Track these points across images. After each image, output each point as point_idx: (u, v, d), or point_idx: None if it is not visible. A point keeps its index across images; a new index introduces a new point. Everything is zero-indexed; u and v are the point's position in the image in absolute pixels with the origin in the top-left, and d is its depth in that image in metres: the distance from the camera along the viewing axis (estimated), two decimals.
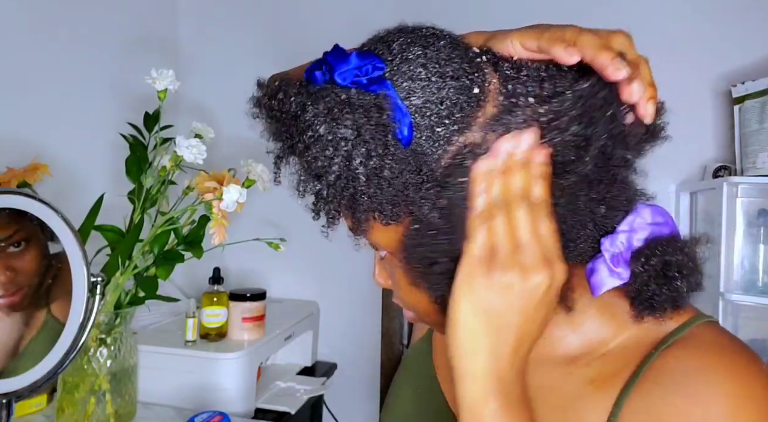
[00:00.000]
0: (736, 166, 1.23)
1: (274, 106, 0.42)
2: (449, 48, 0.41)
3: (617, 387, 0.45)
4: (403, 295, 0.49)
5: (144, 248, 0.90)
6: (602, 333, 0.48)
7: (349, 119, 0.38)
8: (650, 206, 0.44)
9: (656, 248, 0.43)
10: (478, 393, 0.40)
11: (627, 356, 0.46)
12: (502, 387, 0.40)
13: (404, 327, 0.89)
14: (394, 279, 0.49)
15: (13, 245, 0.73)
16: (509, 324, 0.40)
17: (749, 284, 1.12)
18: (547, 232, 0.40)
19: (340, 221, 0.46)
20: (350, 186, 0.40)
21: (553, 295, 0.41)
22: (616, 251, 0.43)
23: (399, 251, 0.44)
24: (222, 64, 1.66)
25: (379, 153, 0.39)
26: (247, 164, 0.94)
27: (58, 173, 1.00)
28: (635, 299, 0.44)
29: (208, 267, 1.21)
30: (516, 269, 0.39)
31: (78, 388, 0.89)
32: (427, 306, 0.47)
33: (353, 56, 0.40)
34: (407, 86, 0.40)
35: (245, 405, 1.15)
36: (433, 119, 0.39)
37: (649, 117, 0.39)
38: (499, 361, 0.40)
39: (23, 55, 1.16)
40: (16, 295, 0.72)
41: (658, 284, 0.43)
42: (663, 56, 1.52)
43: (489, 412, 0.39)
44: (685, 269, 0.43)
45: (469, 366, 0.40)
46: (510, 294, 0.39)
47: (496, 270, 0.39)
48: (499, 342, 0.40)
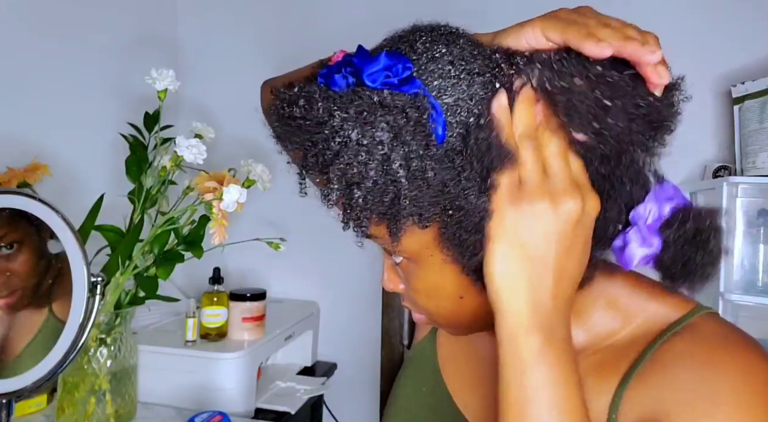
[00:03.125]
0: (736, 166, 1.23)
1: (296, 113, 0.40)
2: (470, 45, 0.41)
3: (621, 371, 0.45)
4: (420, 300, 0.48)
5: (144, 248, 0.90)
6: (609, 326, 0.48)
7: (384, 121, 0.37)
8: (670, 183, 0.45)
9: (687, 214, 0.43)
10: (521, 329, 0.39)
11: (632, 344, 0.46)
12: (545, 322, 0.39)
13: (404, 327, 0.89)
14: (409, 285, 0.48)
15: (5, 246, 0.73)
16: (546, 254, 0.39)
17: (749, 284, 1.12)
18: (576, 166, 0.40)
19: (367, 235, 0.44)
20: (390, 190, 0.38)
21: (587, 225, 0.40)
22: (648, 220, 0.43)
23: (430, 251, 0.43)
24: (222, 64, 1.66)
25: (420, 154, 0.38)
26: (247, 164, 0.94)
27: (58, 173, 1.00)
28: (670, 266, 0.43)
29: (208, 267, 1.21)
30: (546, 196, 0.38)
31: (78, 388, 0.89)
32: (449, 310, 0.47)
33: (383, 57, 0.39)
34: (438, 85, 0.39)
35: (245, 405, 1.15)
36: (464, 115, 0.39)
37: (665, 78, 0.39)
38: (541, 295, 0.39)
39: (23, 55, 1.16)
40: (11, 297, 0.72)
41: (694, 249, 0.42)
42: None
43: (531, 347, 0.39)
44: (715, 234, 0.43)
45: (511, 302, 0.39)
46: (542, 222, 0.38)
47: (525, 199, 0.38)
48: (539, 275, 0.39)
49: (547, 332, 0.39)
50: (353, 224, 0.41)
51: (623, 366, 0.45)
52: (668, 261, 0.43)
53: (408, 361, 0.69)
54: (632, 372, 0.44)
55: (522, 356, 0.39)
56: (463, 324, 0.49)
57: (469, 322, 0.48)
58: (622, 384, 0.44)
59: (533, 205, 0.38)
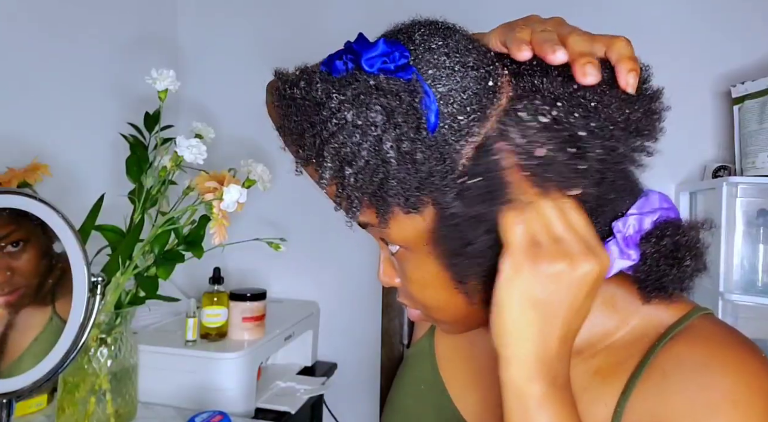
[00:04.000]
0: (736, 166, 1.23)
1: (296, 94, 0.41)
2: (466, 40, 0.42)
3: (623, 378, 0.45)
4: (415, 291, 0.49)
5: (144, 248, 0.91)
6: (606, 325, 0.49)
7: (379, 104, 0.39)
8: (657, 193, 0.45)
9: (666, 229, 0.43)
10: (525, 376, 0.40)
11: (631, 347, 0.47)
12: (549, 371, 0.40)
13: (404, 327, 0.89)
14: (404, 276, 0.49)
15: (11, 244, 0.73)
16: (557, 313, 0.40)
17: (749, 284, 1.12)
18: (579, 223, 0.40)
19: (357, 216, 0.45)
20: (380, 171, 0.39)
21: (600, 284, 0.41)
22: (627, 232, 0.43)
23: (424, 240, 0.44)
24: (222, 64, 1.66)
25: (411, 137, 0.39)
26: (247, 164, 0.94)
27: (58, 173, 1.00)
28: (645, 280, 0.44)
29: (208, 267, 1.21)
30: (565, 258, 0.39)
31: (78, 388, 0.89)
32: (444, 301, 0.47)
33: (381, 43, 0.40)
34: (432, 74, 0.40)
35: (245, 404, 1.15)
36: (456, 107, 0.40)
37: (630, 87, 0.39)
38: (547, 347, 0.40)
39: (23, 55, 1.16)
40: (13, 295, 0.72)
41: (668, 265, 0.43)
42: (663, 56, 1.51)
43: (535, 395, 0.40)
44: (693, 251, 0.43)
45: (516, 350, 0.40)
46: (559, 284, 0.39)
47: (544, 260, 0.39)
48: (548, 331, 0.40)
49: (551, 379, 0.40)
50: (345, 205, 0.42)
51: (624, 372, 0.46)
52: (643, 275, 0.44)
53: (407, 359, 0.69)
54: (634, 380, 0.45)
55: (525, 403, 0.40)
56: (458, 319, 0.49)
57: (464, 316, 0.48)
58: (624, 393, 0.45)
59: (552, 266, 0.39)
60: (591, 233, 0.41)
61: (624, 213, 0.44)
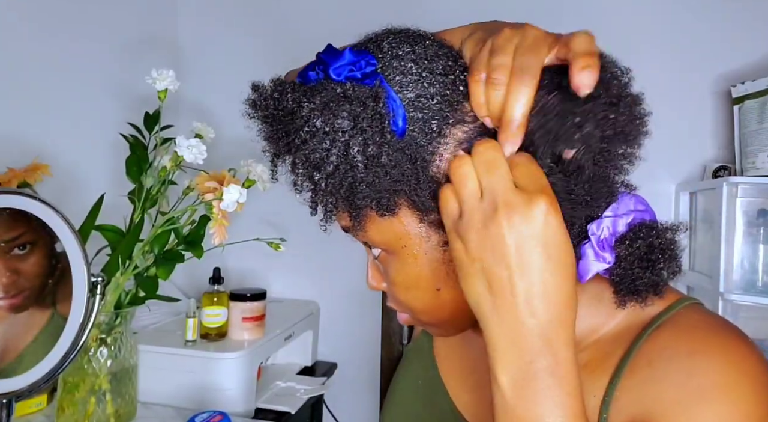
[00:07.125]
0: (736, 166, 1.23)
1: (270, 105, 0.43)
2: (435, 46, 0.43)
3: (609, 370, 0.45)
4: (399, 294, 0.49)
5: (144, 248, 0.91)
6: (593, 321, 0.48)
7: (345, 110, 0.40)
8: (632, 195, 0.45)
9: (640, 231, 0.43)
10: (498, 366, 0.39)
11: (617, 340, 0.47)
12: (522, 355, 0.38)
13: (404, 327, 0.89)
14: (389, 280, 0.49)
15: (18, 247, 0.73)
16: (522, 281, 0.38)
17: (749, 284, 1.12)
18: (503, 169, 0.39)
19: (333, 220, 0.46)
20: (349, 175, 0.41)
21: (558, 218, 0.38)
22: (601, 235, 0.43)
23: (402, 242, 0.45)
24: (222, 64, 1.66)
25: (377, 141, 0.40)
26: (247, 164, 0.94)
27: (58, 173, 1.00)
28: (619, 283, 0.44)
29: (208, 267, 1.21)
30: (494, 216, 0.38)
31: (78, 388, 0.89)
32: (429, 303, 0.47)
33: (347, 52, 0.42)
34: (399, 80, 0.41)
35: (245, 404, 1.15)
36: (426, 112, 0.41)
37: (584, 88, 0.37)
38: (516, 328, 0.38)
39: (23, 55, 1.16)
40: (17, 298, 0.72)
41: (642, 268, 0.43)
42: (663, 57, 1.51)
43: (506, 386, 0.38)
44: (667, 253, 0.43)
45: (489, 339, 0.39)
46: (505, 248, 0.37)
47: (471, 229, 0.39)
48: (523, 307, 0.38)
49: (524, 365, 0.38)
50: (320, 208, 0.44)
51: (611, 363, 0.45)
52: (617, 278, 0.44)
53: (406, 354, 0.70)
54: (620, 370, 0.44)
55: (502, 396, 0.38)
56: (444, 321, 0.49)
57: (450, 318, 0.49)
58: (611, 383, 0.44)
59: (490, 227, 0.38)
60: (524, 172, 0.39)
61: (599, 216, 0.44)
